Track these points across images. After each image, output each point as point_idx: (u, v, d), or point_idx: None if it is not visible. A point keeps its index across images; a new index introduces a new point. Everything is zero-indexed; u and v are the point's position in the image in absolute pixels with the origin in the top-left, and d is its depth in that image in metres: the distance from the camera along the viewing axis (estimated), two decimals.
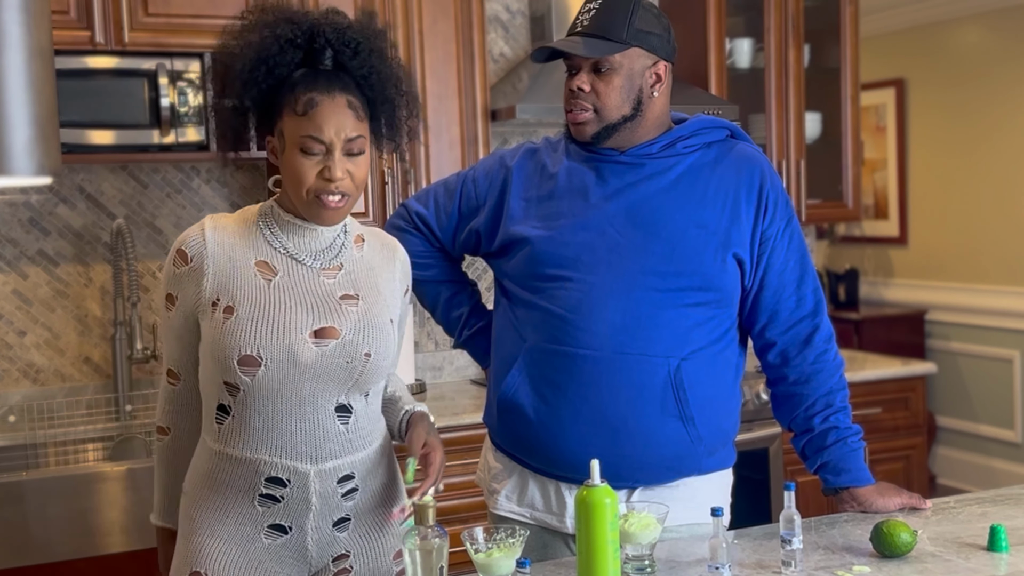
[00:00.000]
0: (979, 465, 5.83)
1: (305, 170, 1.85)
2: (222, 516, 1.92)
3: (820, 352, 2.14)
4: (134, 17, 3.16)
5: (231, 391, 1.87)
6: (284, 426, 1.87)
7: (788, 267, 2.11)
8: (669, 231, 2.03)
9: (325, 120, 1.84)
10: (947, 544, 1.98)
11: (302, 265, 1.92)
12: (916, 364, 4.14)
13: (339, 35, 1.90)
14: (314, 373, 1.86)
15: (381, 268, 2.01)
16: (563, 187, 2.11)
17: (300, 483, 1.89)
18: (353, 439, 1.94)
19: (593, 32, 2.04)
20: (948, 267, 5.98)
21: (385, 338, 1.94)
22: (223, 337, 1.84)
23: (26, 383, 3.43)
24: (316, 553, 1.95)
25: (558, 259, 2.05)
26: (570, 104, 2.08)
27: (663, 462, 2.06)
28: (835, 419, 2.14)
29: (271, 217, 1.94)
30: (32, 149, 0.96)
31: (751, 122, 4.14)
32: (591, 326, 2.01)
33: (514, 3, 4.00)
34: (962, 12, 5.72)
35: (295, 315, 1.86)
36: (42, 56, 0.97)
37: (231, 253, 1.90)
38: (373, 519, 2.01)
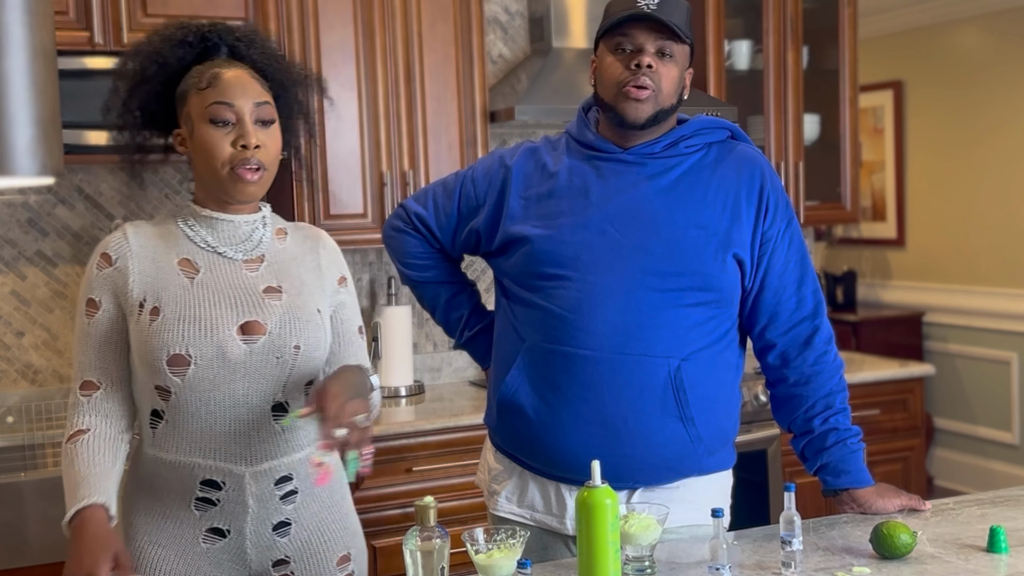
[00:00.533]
0: (977, 467, 5.83)
1: (217, 141, 1.86)
2: (160, 521, 1.91)
3: (820, 353, 2.14)
4: (133, 18, 3.16)
5: (163, 395, 1.86)
6: (218, 427, 1.87)
7: (788, 268, 2.11)
8: (669, 231, 2.03)
9: (230, 86, 1.87)
10: (947, 545, 1.98)
11: (224, 259, 1.92)
12: (914, 366, 4.15)
13: (230, 31, 1.96)
14: (245, 371, 1.86)
15: (304, 258, 2.00)
16: (564, 186, 2.10)
17: (235, 485, 1.89)
18: (290, 439, 1.93)
19: (666, 16, 2.00)
20: (946, 269, 5.98)
21: (313, 329, 1.93)
22: (150, 339, 1.84)
23: (24, 384, 3.42)
24: (255, 557, 1.94)
25: (558, 258, 2.05)
26: (633, 80, 2.01)
27: (663, 463, 2.05)
28: (835, 420, 2.15)
29: (188, 214, 1.94)
30: (35, 149, 0.96)
31: (750, 124, 4.14)
32: (591, 326, 2.00)
33: (513, 4, 4.01)
34: (960, 14, 5.73)
35: (220, 311, 1.86)
36: (45, 56, 0.97)
37: (153, 254, 1.90)
38: (316, 524, 1.99)
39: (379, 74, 3.49)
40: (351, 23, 3.45)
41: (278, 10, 3.34)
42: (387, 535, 3.21)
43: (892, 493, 2.19)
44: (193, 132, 1.88)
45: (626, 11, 2.01)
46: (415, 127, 3.55)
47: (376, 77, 3.48)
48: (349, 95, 3.45)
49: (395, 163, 3.52)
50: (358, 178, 3.48)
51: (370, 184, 3.50)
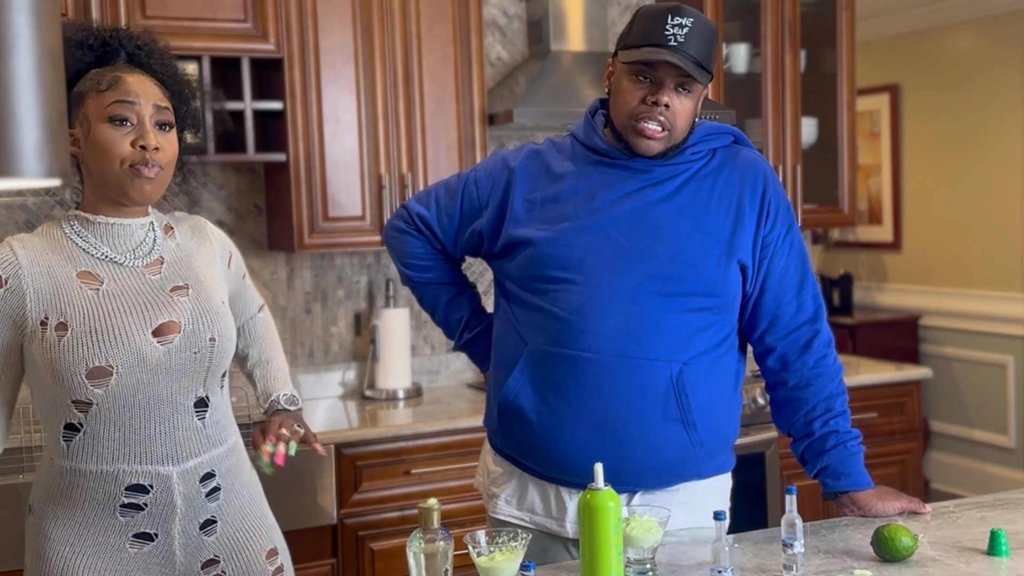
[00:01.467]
0: (973, 470, 5.84)
1: (115, 140, 1.85)
2: (82, 531, 1.89)
3: (820, 357, 2.14)
4: (132, 20, 3.16)
5: (81, 407, 1.84)
6: (143, 432, 1.87)
7: (789, 272, 2.12)
8: (673, 237, 2.03)
9: (132, 88, 1.88)
10: (947, 548, 1.98)
11: (124, 268, 1.91)
12: (910, 369, 4.15)
13: (132, 38, 1.96)
14: (166, 372, 1.87)
15: (198, 251, 2.03)
16: (569, 190, 2.10)
17: (163, 487, 1.89)
18: (211, 435, 1.96)
19: (691, 53, 1.97)
20: (942, 272, 6.00)
21: (223, 319, 1.97)
22: (64, 355, 1.81)
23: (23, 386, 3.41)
24: (183, 559, 1.95)
25: (562, 261, 2.05)
26: (648, 116, 2.00)
27: (664, 466, 2.06)
28: (835, 423, 2.15)
29: (78, 223, 1.91)
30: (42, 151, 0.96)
31: (747, 127, 4.15)
32: (594, 329, 2.01)
33: (511, 7, 4.01)
34: (956, 18, 5.74)
35: (132, 318, 1.86)
36: (52, 58, 0.97)
37: (47, 269, 1.86)
38: (240, 520, 2.01)
39: (378, 76, 3.49)
40: (350, 25, 3.45)
41: (277, 12, 3.34)
42: (385, 538, 3.21)
43: (892, 496, 2.19)
44: (89, 132, 1.86)
45: (652, 45, 1.98)
46: (413, 129, 3.55)
47: (375, 79, 3.48)
48: (348, 97, 3.45)
49: (393, 166, 3.52)
50: (356, 181, 3.48)
51: (368, 187, 3.50)
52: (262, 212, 3.69)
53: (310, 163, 3.41)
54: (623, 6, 4.18)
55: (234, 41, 3.30)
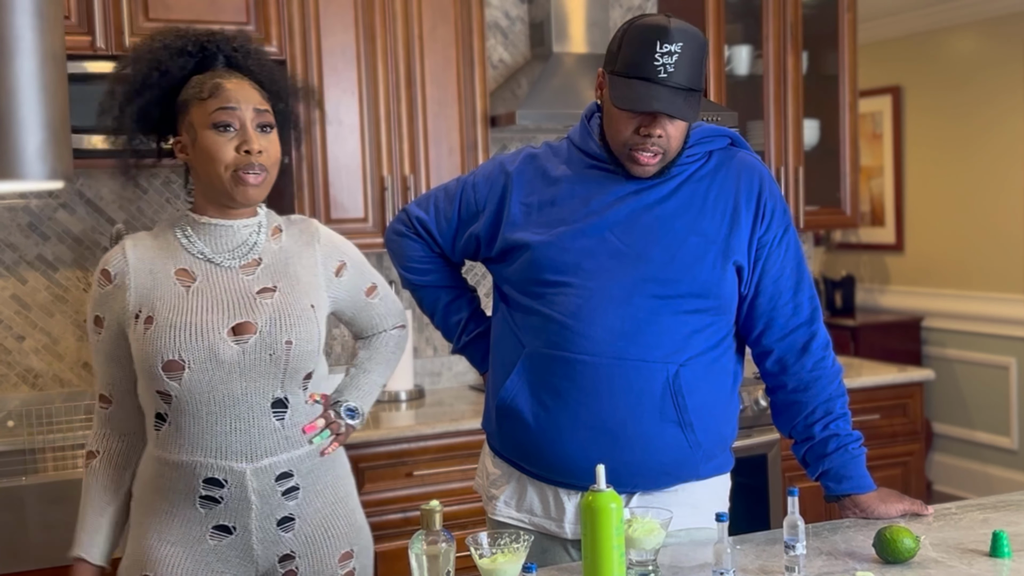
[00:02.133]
0: (975, 472, 5.84)
1: (220, 146, 1.92)
2: (168, 519, 1.98)
3: (818, 359, 2.14)
4: (134, 22, 3.17)
5: (164, 399, 1.93)
6: (218, 427, 1.93)
7: (784, 274, 2.11)
8: (669, 239, 2.03)
9: (233, 94, 1.94)
10: (950, 550, 1.98)
11: (219, 267, 1.98)
12: (913, 371, 4.15)
13: (227, 41, 2.01)
14: (240, 371, 1.92)
15: (300, 254, 2.06)
16: (566, 194, 2.10)
17: (237, 482, 1.94)
18: (289, 436, 1.99)
19: (682, 84, 1.96)
20: (944, 274, 5.99)
21: (305, 323, 1.98)
22: (145, 346, 1.91)
23: (25, 388, 3.42)
24: (262, 553, 2.00)
25: (558, 265, 2.05)
26: (642, 147, 2.00)
27: (662, 467, 2.06)
28: (835, 426, 2.15)
29: (186, 223, 2.01)
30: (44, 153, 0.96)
31: (749, 129, 4.15)
32: (591, 332, 2.01)
33: (513, 9, 4.01)
34: (958, 20, 5.74)
35: (211, 316, 1.93)
36: (55, 61, 0.97)
37: (151, 266, 1.97)
38: (320, 520, 2.05)
39: (380, 78, 3.49)
40: (352, 27, 3.45)
41: (279, 14, 3.34)
42: (388, 539, 3.21)
43: (894, 498, 2.19)
44: (196, 139, 1.94)
45: (642, 78, 1.95)
46: (416, 131, 3.55)
47: (377, 81, 3.49)
48: (350, 99, 3.46)
49: (396, 168, 3.53)
50: (359, 183, 3.49)
51: (371, 189, 3.50)
52: None
53: (312, 165, 3.42)
54: (625, 8, 4.18)
55: None
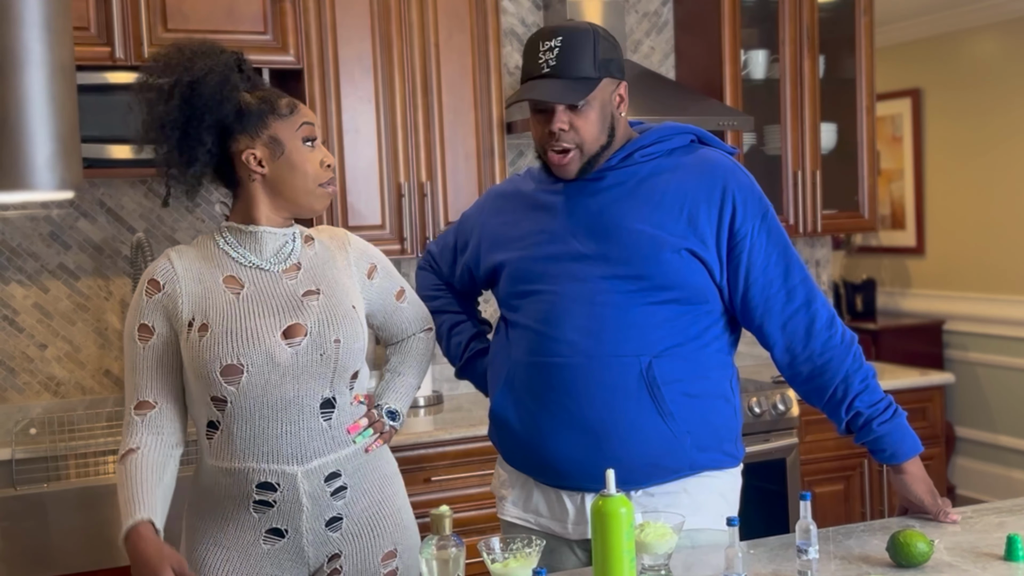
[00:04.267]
0: (998, 476, 5.80)
1: (311, 160, 2.04)
2: (222, 525, 2.02)
3: (825, 340, 2.11)
4: (153, 33, 3.20)
5: (219, 405, 1.97)
6: (270, 431, 1.97)
7: (771, 262, 2.10)
8: (626, 235, 2.06)
9: (308, 112, 2.07)
10: (964, 554, 1.98)
11: (265, 272, 2.04)
12: (934, 374, 4.13)
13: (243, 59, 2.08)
14: (294, 373, 1.97)
15: (334, 259, 2.13)
16: (533, 208, 2.19)
17: (289, 485, 1.98)
18: (336, 436, 2.04)
19: (565, 73, 2.04)
20: (966, 277, 5.96)
21: (350, 323, 2.05)
22: (202, 353, 1.95)
23: (47, 396, 3.45)
24: (313, 554, 2.04)
25: (529, 274, 2.13)
26: (551, 145, 2.08)
27: (650, 460, 2.05)
28: (858, 404, 2.11)
29: (230, 233, 2.06)
30: (54, 164, 0.98)
31: (766, 133, 4.14)
32: (560, 334, 2.06)
33: (529, 16, 4.02)
34: (977, 22, 5.72)
35: (264, 320, 1.98)
36: (63, 73, 0.99)
37: (199, 276, 2.02)
38: (367, 519, 2.08)
39: (396, 86, 3.51)
40: (368, 36, 3.47)
41: (296, 23, 3.37)
42: None
43: (924, 490, 2.16)
44: (284, 152, 2.02)
45: (530, 78, 2.06)
46: (432, 138, 3.57)
47: (394, 89, 3.51)
48: (367, 107, 3.48)
49: (413, 174, 3.54)
50: (376, 190, 3.50)
51: (388, 196, 3.52)
52: None
53: None
54: (641, 14, 4.19)
55: (254, 53, 3.32)
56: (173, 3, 3.22)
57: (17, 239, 3.42)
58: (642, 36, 4.19)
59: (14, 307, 3.42)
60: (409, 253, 3.56)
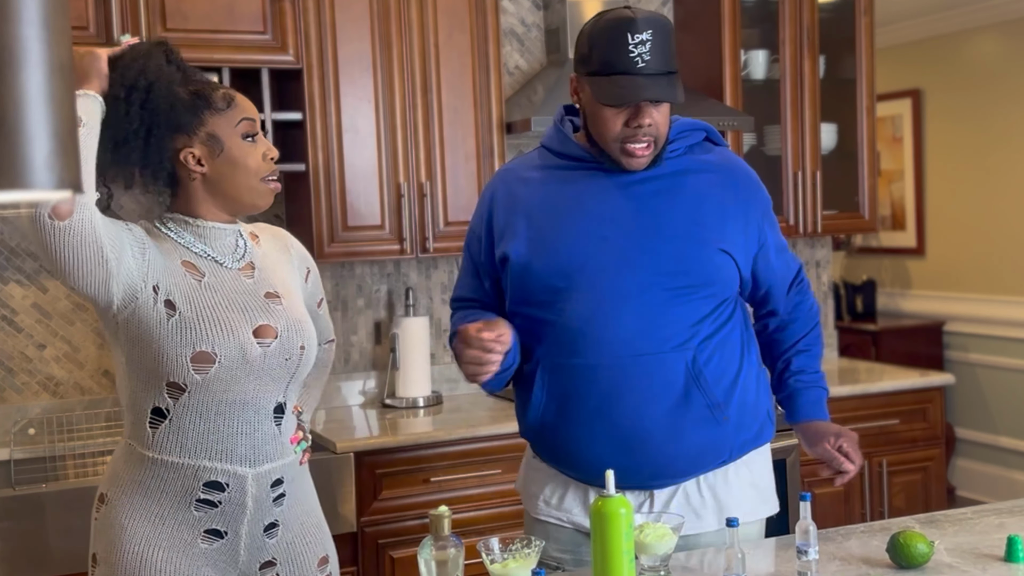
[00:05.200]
0: (999, 477, 5.79)
1: (252, 155, 1.95)
2: (157, 523, 1.92)
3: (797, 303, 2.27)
4: (152, 32, 3.19)
5: (174, 393, 1.88)
6: (226, 429, 1.91)
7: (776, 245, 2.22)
8: (671, 231, 2.06)
9: (247, 105, 1.97)
10: (964, 555, 1.98)
11: (222, 267, 1.97)
12: (934, 375, 4.13)
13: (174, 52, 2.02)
14: (258, 372, 1.93)
15: (281, 261, 2.10)
16: (554, 199, 2.12)
17: (238, 487, 1.93)
18: (282, 443, 2.01)
19: (661, 68, 2.00)
20: (966, 278, 5.96)
21: (310, 329, 2.04)
22: (172, 334, 1.86)
23: (46, 396, 3.45)
24: (246, 559, 1.99)
25: (562, 271, 2.06)
26: (634, 139, 2.03)
27: (698, 451, 2.07)
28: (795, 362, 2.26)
29: (174, 224, 1.96)
30: (52, 163, 0.98)
31: (766, 133, 4.14)
32: (607, 335, 2.03)
33: (529, 16, 4.02)
34: (978, 22, 5.72)
35: (233, 315, 1.92)
36: (62, 72, 0.98)
37: (158, 250, 1.91)
38: (299, 526, 2.06)
39: (396, 86, 3.51)
40: (368, 35, 3.47)
41: (296, 23, 3.37)
42: (404, 546, 3.22)
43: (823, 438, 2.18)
44: (223, 149, 1.93)
45: (620, 73, 1.99)
46: (432, 138, 3.56)
47: (393, 89, 3.50)
48: (367, 107, 3.47)
49: (412, 175, 3.54)
50: (375, 190, 3.50)
51: (387, 196, 3.51)
52: (282, 222, 3.71)
53: (329, 173, 3.44)
54: None
55: (254, 53, 3.33)
56: (172, 3, 3.22)
57: (16, 239, 3.42)
58: None
59: (12, 307, 3.41)
60: (408, 253, 3.55)
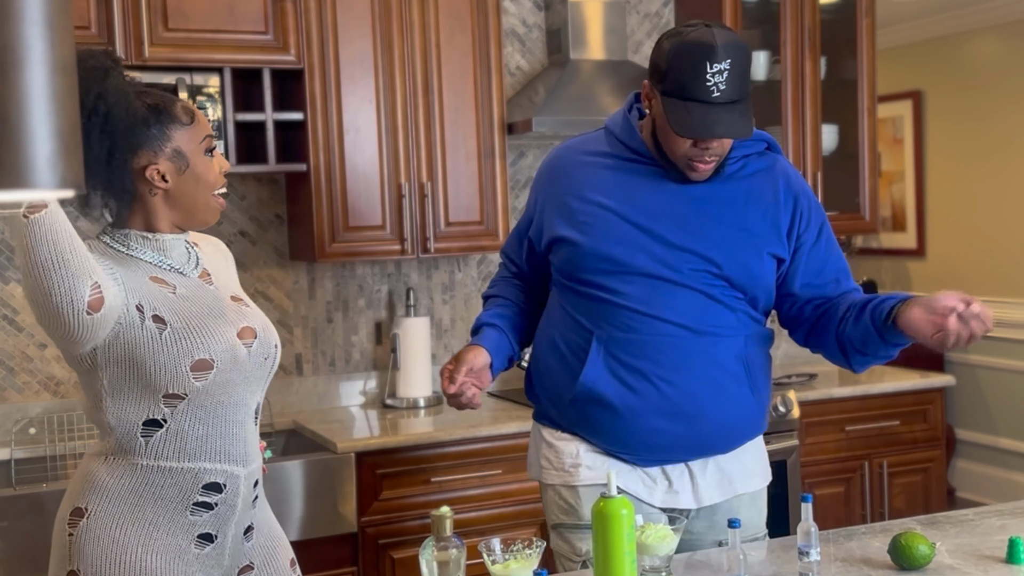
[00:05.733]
0: (999, 478, 5.79)
1: (211, 170, 1.94)
2: (152, 529, 1.87)
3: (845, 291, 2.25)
4: (154, 32, 3.19)
5: (171, 402, 1.86)
6: (222, 429, 1.92)
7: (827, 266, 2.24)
8: (718, 234, 2.14)
9: (204, 120, 1.94)
10: (966, 556, 1.97)
11: (186, 277, 1.96)
12: (934, 376, 4.13)
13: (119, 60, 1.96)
14: (246, 373, 1.93)
15: (224, 266, 2.10)
16: (610, 185, 2.19)
17: (233, 487, 1.94)
18: (256, 444, 2.02)
19: (737, 97, 2.04)
20: (967, 279, 5.95)
21: (274, 329, 2.05)
22: (168, 347, 1.83)
23: (47, 395, 3.45)
24: (229, 564, 1.97)
25: (618, 255, 2.13)
26: (700, 159, 2.10)
27: (736, 430, 2.21)
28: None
29: (134, 241, 1.91)
30: (55, 163, 0.98)
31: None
32: (663, 314, 2.12)
33: (531, 17, 4.02)
34: (979, 24, 5.71)
35: (218, 320, 1.91)
36: (65, 71, 0.98)
37: (123, 271, 1.86)
38: (268, 529, 2.06)
39: (397, 86, 3.51)
40: (369, 36, 3.47)
41: (297, 23, 3.36)
42: (405, 547, 3.22)
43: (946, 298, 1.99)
44: (188, 165, 1.90)
45: (695, 100, 2.02)
46: (433, 139, 3.56)
47: (394, 89, 3.50)
48: (368, 107, 3.47)
49: (413, 175, 3.54)
50: (376, 190, 3.50)
51: (388, 196, 3.51)
52: (283, 222, 3.71)
53: (331, 173, 3.43)
54: (642, 14, 4.18)
55: (255, 53, 3.33)
56: (174, 3, 3.21)
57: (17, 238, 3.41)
58: (643, 37, 4.19)
59: (14, 306, 3.41)
60: (409, 254, 3.55)
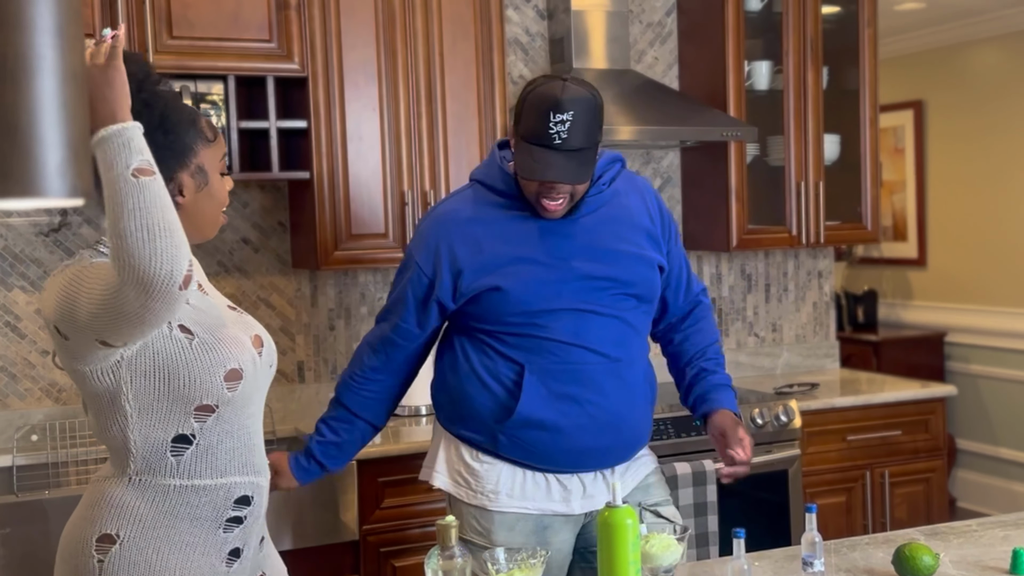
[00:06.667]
0: (1000, 488, 5.79)
1: (223, 188, 1.93)
2: (188, 551, 1.81)
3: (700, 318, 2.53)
4: (159, 40, 3.20)
5: (202, 416, 1.80)
6: (246, 440, 1.88)
7: (682, 266, 2.47)
8: (620, 257, 2.31)
9: (222, 138, 1.94)
10: (969, 568, 1.97)
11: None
12: (935, 386, 4.13)
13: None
14: (260, 381, 1.91)
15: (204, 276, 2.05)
16: (513, 232, 2.29)
17: (259, 498, 1.92)
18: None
19: (578, 146, 2.15)
20: (968, 289, 5.96)
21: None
22: (201, 356, 1.78)
23: (49, 402, 3.45)
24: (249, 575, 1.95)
25: (541, 298, 2.26)
26: (548, 197, 2.22)
27: (644, 435, 2.42)
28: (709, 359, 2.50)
29: None
30: (65, 171, 0.98)
31: (769, 144, 4.15)
32: (590, 344, 2.29)
33: (533, 26, 4.03)
34: (980, 34, 5.73)
35: (235, 328, 1.88)
36: (75, 80, 0.99)
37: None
38: (268, 539, 2.05)
39: (400, 94, 3.51)
40: (373, 44, 3.48)
41: (301, 31, 3.37)
42: (407, 555, 3.22)
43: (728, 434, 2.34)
44: (207, 182, 1.88)
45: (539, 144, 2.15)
46: (436, 147, 3.57)
47: (398, 97, 3.51)
48: (371, 115, 3.48)
49: (416, 183, 3.54)
50: (379, 198, 3.50)
51: (391, 204, 3.52)
52: (286, 229, 3.71)
53: (334, 181, 3.44)
54: (645, 24, 4.19)
55: (259, 60, 3.33)
56: (179, 11, 3.22)
57: (20, 245, 3.42)
58: (646, 46, 4.20)
59: (16, 313, 3.41)
60: None
